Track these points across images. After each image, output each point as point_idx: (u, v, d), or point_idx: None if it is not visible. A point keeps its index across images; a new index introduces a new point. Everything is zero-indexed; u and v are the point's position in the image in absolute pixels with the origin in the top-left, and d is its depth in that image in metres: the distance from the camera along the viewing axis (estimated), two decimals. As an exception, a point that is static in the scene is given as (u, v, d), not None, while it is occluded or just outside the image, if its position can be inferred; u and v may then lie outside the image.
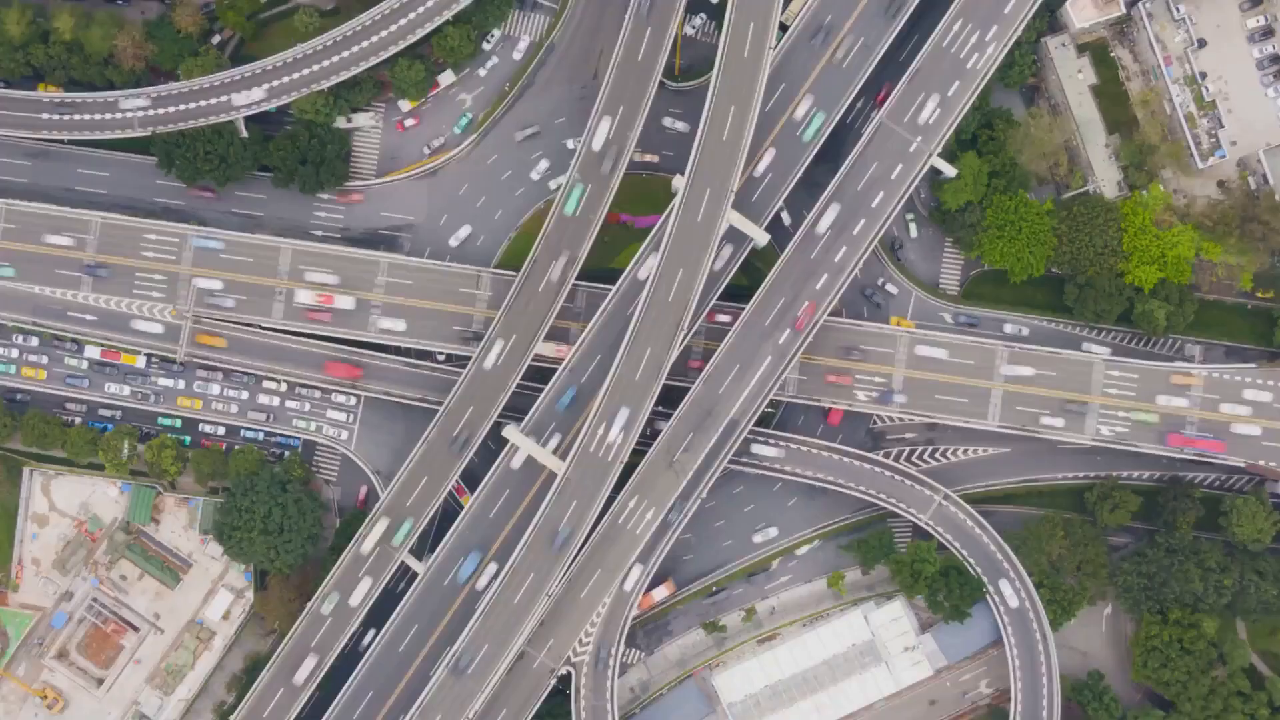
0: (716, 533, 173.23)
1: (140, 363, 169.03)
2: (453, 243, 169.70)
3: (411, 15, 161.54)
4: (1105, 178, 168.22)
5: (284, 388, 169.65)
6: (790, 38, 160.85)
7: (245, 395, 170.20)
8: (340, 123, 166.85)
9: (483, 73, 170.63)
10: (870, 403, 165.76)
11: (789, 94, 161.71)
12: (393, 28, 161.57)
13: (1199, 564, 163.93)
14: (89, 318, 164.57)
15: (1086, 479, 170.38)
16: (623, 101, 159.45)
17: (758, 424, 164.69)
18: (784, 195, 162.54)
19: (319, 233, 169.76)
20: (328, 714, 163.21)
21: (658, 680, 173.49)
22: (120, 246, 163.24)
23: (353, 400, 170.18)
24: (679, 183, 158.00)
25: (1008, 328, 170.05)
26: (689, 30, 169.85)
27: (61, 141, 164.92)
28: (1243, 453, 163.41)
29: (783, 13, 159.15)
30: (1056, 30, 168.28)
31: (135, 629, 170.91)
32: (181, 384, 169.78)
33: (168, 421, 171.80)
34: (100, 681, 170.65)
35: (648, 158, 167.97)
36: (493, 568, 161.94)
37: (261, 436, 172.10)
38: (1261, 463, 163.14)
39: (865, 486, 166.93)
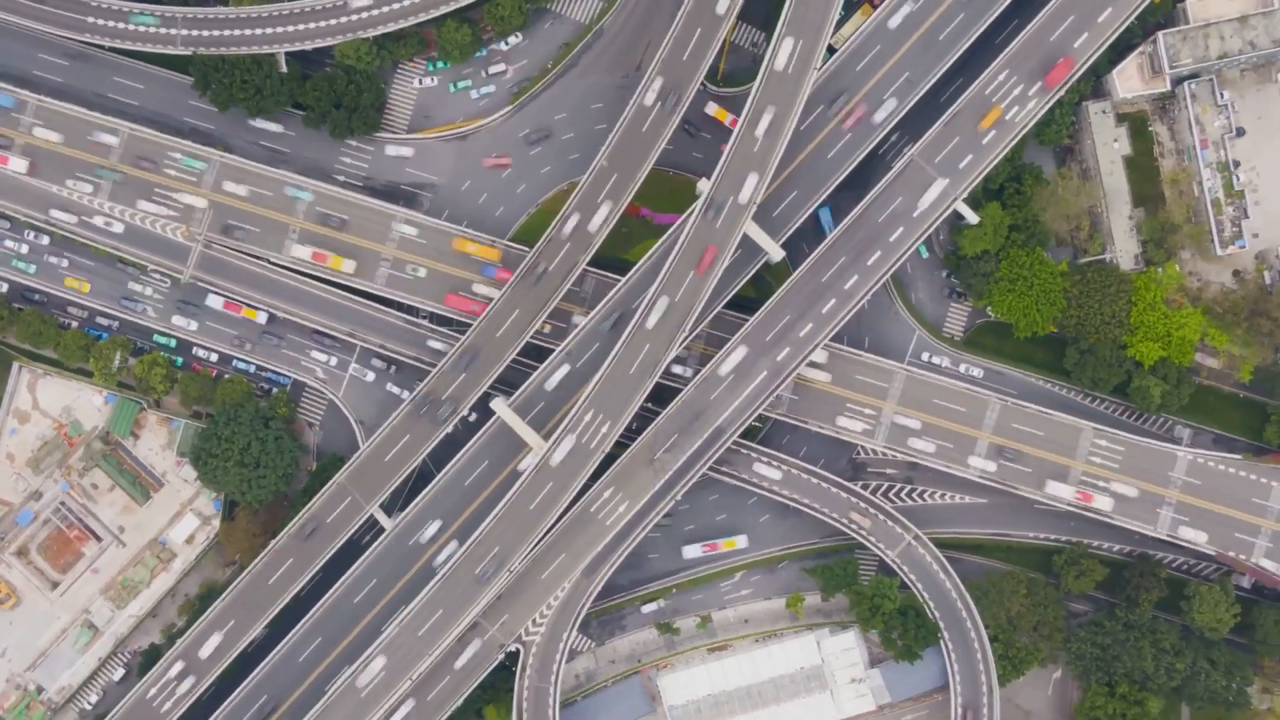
0: (686, 535, 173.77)
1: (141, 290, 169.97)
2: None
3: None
4: (1124, 249, 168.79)
5: (280, 324, 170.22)
6: (835, 62, 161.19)
7: (246, 324, 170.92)
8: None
9: (525, 45, 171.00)
10: (859, 434, 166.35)
11: (826, 115, 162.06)
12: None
13: (1154, 643, 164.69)
14: (101, 224, 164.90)
15: (1057, 542, 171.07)
16: (663, 99, 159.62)
17: (741, 436, 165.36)
18: (805, 215, 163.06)
19: (341, 178, 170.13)
20: (275, 651, 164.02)
21: (604, 672, 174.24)
22: (144, 160, 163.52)
23: (348, 348, 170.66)
24: (703, 186, 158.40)
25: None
26: (737, 37, 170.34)
27: (102, 47, 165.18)
28: (1216, 540, 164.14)
29: (833, 35, 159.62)
30: (1099, 96, 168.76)
31: (98, 539, 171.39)
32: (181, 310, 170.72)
33: (163, 340, 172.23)
34: (55, 585, 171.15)
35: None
36: (456, 539, 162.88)
37: (253, 369, 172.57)
38: (1231, 553, 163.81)
39: (838, 514, 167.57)
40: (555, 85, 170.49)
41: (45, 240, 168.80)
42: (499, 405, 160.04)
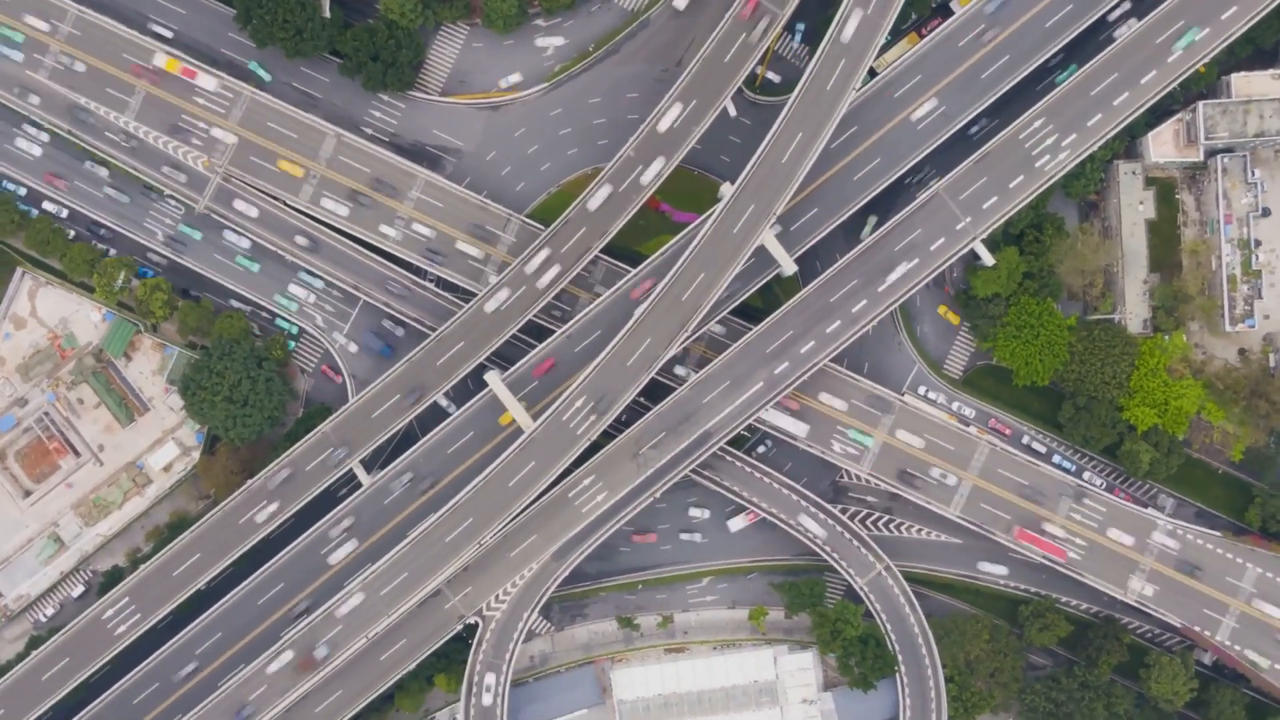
0: (660, 534, 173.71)
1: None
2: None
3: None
4: (1134, 312, 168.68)
5: (290, 267, 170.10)
6: (875, 85, 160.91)
7: (254, 265, 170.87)
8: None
9: (571, 25, 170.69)
10: (843, 457, 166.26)
11: (857, 138, 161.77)
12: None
13: (1108, 706, 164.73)
14: (123, 142, 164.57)
15: (1026, 592, 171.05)
16: (698, 95, 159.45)
17: (729, 443, 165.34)
18: (821, 234, 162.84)
19: (369, 131, 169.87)
20: (236, 589, 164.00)
21: (559, 657, 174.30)
22: (174, 84, 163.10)
23: (353, 301, 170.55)
24: (726, 190, 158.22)
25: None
26: (781, 46, 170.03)
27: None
28: (1184, 613, 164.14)
29: (876, 58, 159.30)
30: (1132, 156, 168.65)
31: (76, 454, 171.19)
32: (197, 234, 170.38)
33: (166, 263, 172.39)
34: (27, 494, 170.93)
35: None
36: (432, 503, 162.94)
37: (253, 307, 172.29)
38: (1197, 628, 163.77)
39: (813, 534, 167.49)
40: (594, 69, 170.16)
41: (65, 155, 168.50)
42: (492, 378, 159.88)
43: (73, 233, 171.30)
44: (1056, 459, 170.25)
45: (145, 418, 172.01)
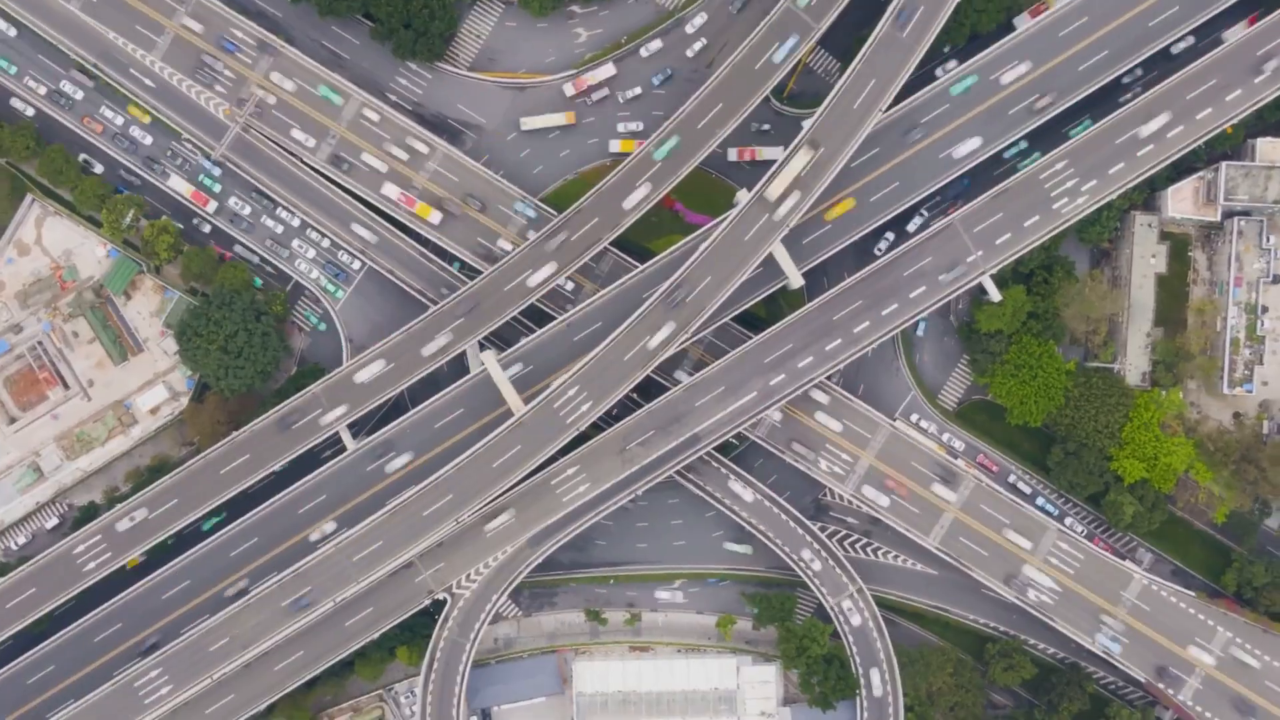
0: (637, 531, 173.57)
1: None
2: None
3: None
4: (1134, 364, 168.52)
5: (298, 224, 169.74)
6: (903, 108, 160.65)
7: (264, 217, 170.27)
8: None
9: (605, 15, 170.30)
10: (829, 475, 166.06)
11: (879, 159, 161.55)
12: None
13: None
14: (147, 82, 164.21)
15: (995, 631, 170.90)
16: (724, 99, 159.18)
17: (718, 449, 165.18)
18: (832, 251, 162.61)
19: (393, 97, 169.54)
20: (209, 539, 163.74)
21: (523, 642, 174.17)
22: (205, 26, 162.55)
23: (356, 265, 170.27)
24: (742, 197, 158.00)
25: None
26: (813, 60, 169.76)
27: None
28: (1147, 668, 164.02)
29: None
30: (1149, 209, 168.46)
31: (65, 386, 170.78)
32: (209, 181, 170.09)
33: (177, 207, 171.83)
34: (12, 420, 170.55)
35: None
36: (410, 468, 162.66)
37: (258, 260, 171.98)
38: (1161, 686, 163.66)
39: (791, 550, 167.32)
40: (626, 60, 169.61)
41: (91, 83, 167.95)
42: (488, 358, 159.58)
43: (100, 168, 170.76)
44: (1040, 501, 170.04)
45: (138, 358, 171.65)
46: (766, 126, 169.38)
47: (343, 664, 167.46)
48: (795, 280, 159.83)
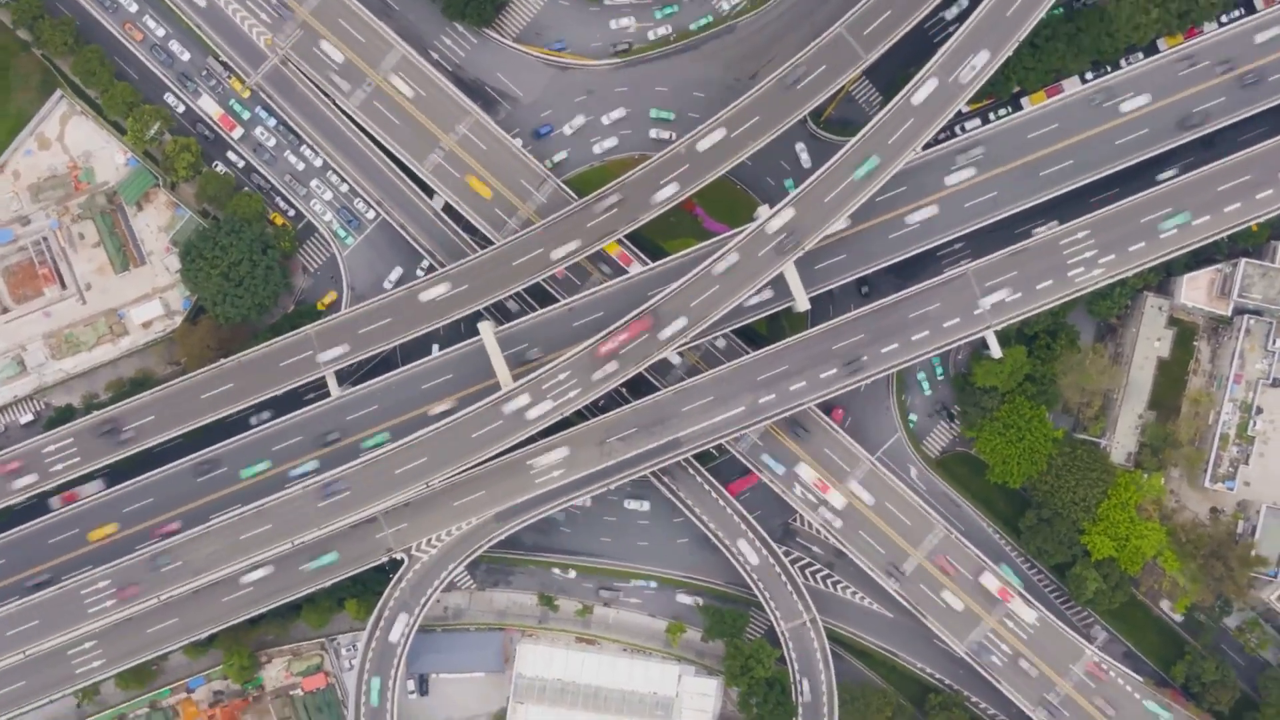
0: (604, 525, 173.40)
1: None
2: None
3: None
4: (1121, 442, 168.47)
5: (319, 164, 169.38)
6: (938, 151, 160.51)
7: (286, 152, 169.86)
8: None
9: (656, 12, 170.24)
10: (799, 501, 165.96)
11: (903, 198, 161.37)
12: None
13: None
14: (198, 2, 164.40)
15: (939, 682, 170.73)
16: (761, 113, 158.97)
17: (695, 457, 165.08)
18: (843, 281, 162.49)
19: (435, 55, 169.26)
20: (180, 460, 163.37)
21: (472, 615, 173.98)
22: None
23: (371, 214, 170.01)
24: (762, 212, 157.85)
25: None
26: (856, 89, 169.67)
27: None
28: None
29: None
30: (1162, 292, 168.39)
31: (63, 286, 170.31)
32: (239, 107, 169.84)
33: (205, 132, 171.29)
34: (5, 310, 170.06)
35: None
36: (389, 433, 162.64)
37: (270, 188, 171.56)
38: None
39: (751, 568, 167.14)
40: (669, 59, 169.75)
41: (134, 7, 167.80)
42: (485, 328, 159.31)
43: (136, 74, 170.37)
44: (1003, 565, 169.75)
45: (139, 270, 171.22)
46: (800, 146, 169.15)
47: (290, 607, 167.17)
48: (802, 303, 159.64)
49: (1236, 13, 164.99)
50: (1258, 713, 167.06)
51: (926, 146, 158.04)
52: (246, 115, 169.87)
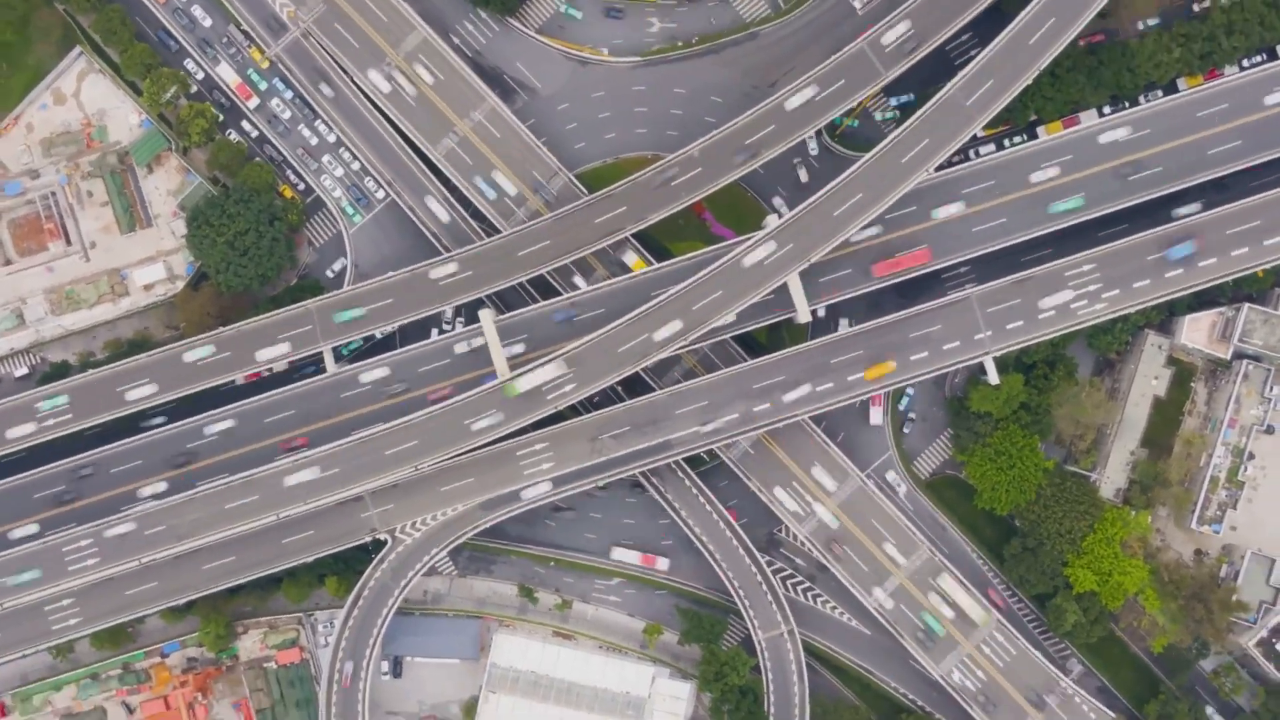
0: (589, 521, 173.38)
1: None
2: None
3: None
4: (1111, 478, 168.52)
5: (332, 139, 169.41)
6: (949, 174, 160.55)
7: (300, 126, 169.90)
8: None
9: (684, 11, 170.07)
10: (788, 513, 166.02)
11: (912, 218, 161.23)
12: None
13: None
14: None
15: (912, 704, 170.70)
16: (777, 122, 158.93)
17: (687, 461, 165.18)
18: (847, 296, 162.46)
19: (456, 40, 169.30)
20: (169, 425, 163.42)
21: (451, 601, 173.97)
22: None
23: (381, 193, 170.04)
24: (771, 222, 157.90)
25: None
26: (874, 104, 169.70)
27: None
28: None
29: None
30: (1163, 331, 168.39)
31: (68, 242, 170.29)
32: (256, 77, 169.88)
33: (222, 100, 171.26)
34: (8, 262, 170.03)
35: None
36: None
37: (282, 160, 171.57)
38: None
39: (733, 575, 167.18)
40: (689, 61, 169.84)
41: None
42: (485, 316, 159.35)
43: (156, 37, 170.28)
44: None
45: (145, 232, 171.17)
46: (814, 149, 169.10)
47: (270, 580, 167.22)
48: (803, 314, 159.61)
49: (1259, 58, 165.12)
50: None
51: (939, 168, 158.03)
52: (264, 86, 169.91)
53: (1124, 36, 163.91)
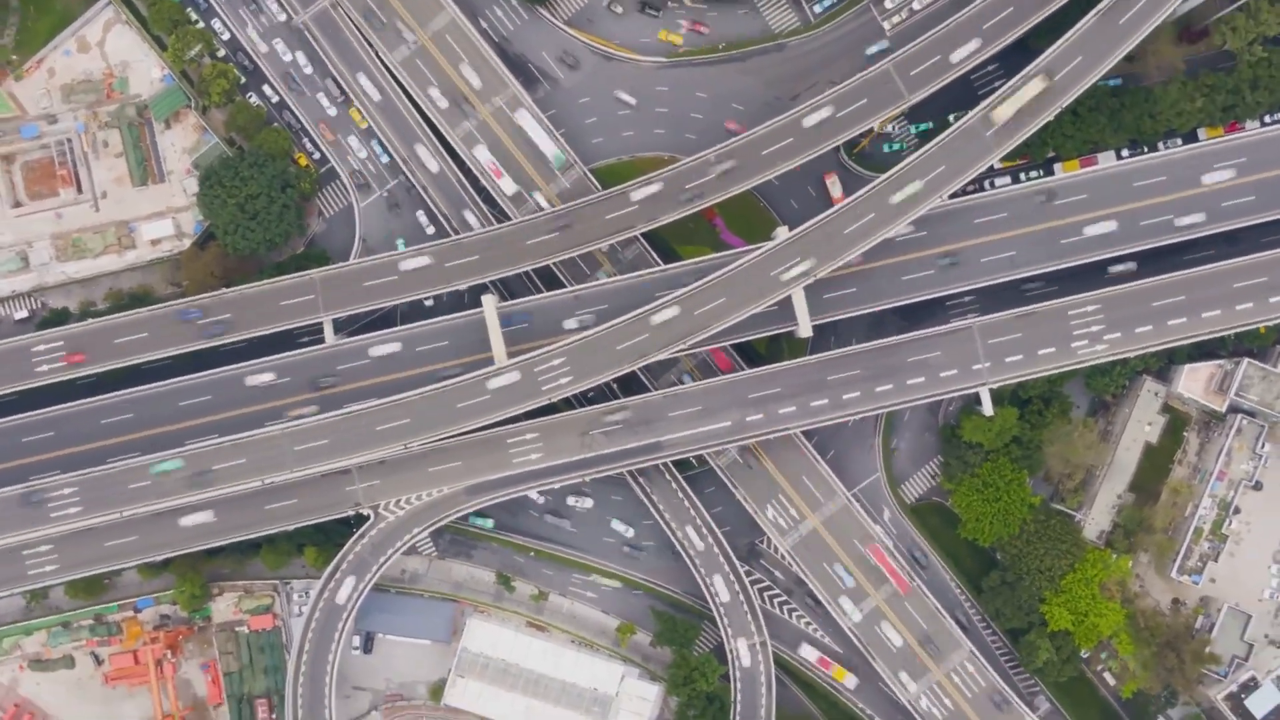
0: (573, 514, 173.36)
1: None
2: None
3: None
4: (1096, 519, 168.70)
5: (350, 110, 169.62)
6: (963, 203, 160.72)
7: (320, 95, 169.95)
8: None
9: (714, 16, 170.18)
10: (771, 525, 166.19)
11: (923, 243, 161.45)
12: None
13: None
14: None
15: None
16: (795, 135, 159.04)
17: (675, 463, 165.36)
18: (849, 314, 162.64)
19: (484, 24, 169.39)
20: (163, 381, 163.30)
21: (428, 583, 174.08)
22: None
23: (400, 176, 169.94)
24: (780, 234, 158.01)
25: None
26: (892, 127, 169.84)
27: None
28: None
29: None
30: (1161, 378, 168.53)
31: (79, 190, 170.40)
32: (280, 45, 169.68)
33: (245, 62, 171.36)
34: (18, 204, 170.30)
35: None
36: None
37: (300, 128, 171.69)
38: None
39: (712, 583, 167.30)
40: (715, 67, 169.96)
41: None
42: (488, 301, 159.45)
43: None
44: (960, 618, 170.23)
45: (157, 187, 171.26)
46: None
47: (250, 545, 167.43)
48: (805, 329, 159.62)
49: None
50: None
51: (952, 196, 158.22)
52: (288, 58, 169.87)
53: (1149, 82, 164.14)
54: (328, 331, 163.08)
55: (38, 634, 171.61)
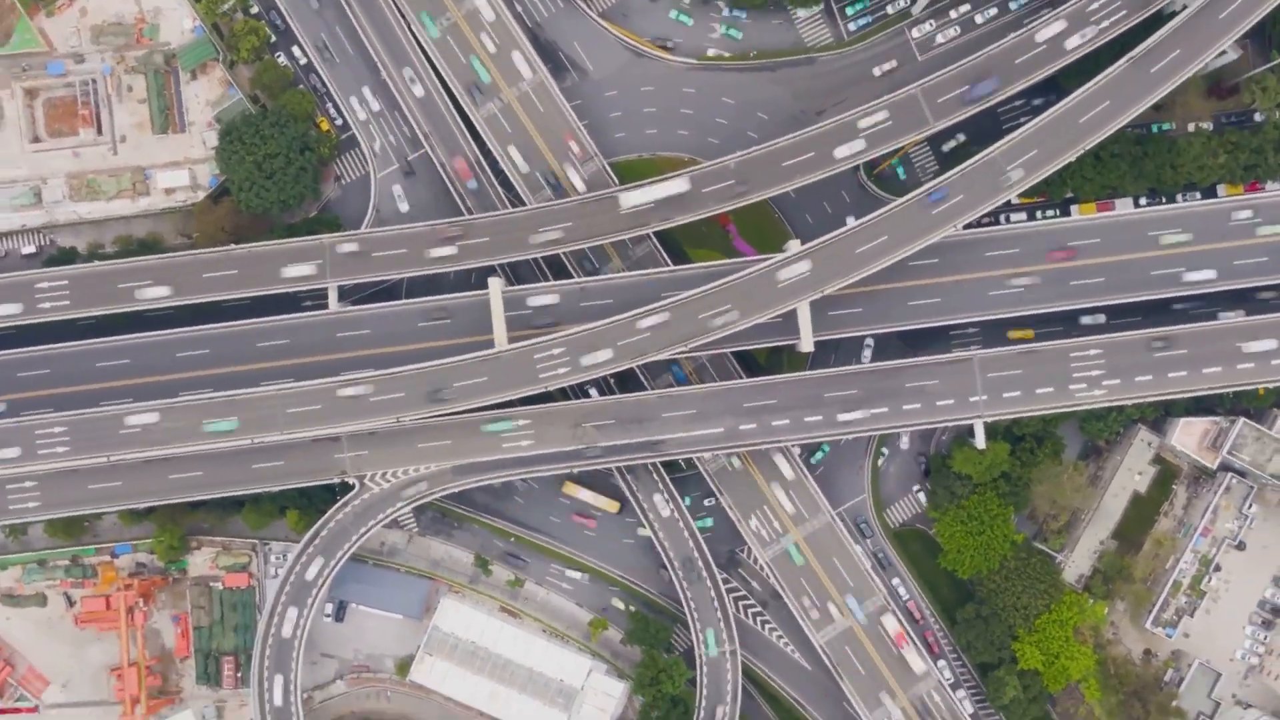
0: (558, 505, 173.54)
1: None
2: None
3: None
4: (1076, 562, 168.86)
5: (377, 79, 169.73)
6: (979, 234, 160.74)
7: (346, 69, 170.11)
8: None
9: (748, 23, 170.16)
10: (753, 536, 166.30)
11: (934, 270, 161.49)
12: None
13: None
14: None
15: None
16: (814, 149, 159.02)
17: (665, 465, 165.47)
18: (851, 334, 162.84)
19: (518, 8, 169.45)
20: (165, 330, 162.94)
21: (406, 558, 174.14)
22: None
23: (418, 150, 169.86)
24: (792, 247, 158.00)
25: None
26: (915, 152, 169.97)
27: None
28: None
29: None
30: (1155, 428, 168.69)
31: (99, 131, 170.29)
32: (316, 4, 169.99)
33: (278, 21, 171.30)
34: (37, 139, 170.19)
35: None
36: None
37: (325, 93, 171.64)
38: None
39: (688, 585, 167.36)
40: (743, 74, 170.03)
41: None
42: (494, 284, 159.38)
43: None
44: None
45: (177, 137, 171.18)
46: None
47: (233, 502, 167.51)
48: (806, 344, 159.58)
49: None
50: None
51: (967, 227, 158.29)
52: (320, 21, 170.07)
53: (1174, 134, 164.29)
54: (332, 298, 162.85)
55: (13, 569, 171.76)
